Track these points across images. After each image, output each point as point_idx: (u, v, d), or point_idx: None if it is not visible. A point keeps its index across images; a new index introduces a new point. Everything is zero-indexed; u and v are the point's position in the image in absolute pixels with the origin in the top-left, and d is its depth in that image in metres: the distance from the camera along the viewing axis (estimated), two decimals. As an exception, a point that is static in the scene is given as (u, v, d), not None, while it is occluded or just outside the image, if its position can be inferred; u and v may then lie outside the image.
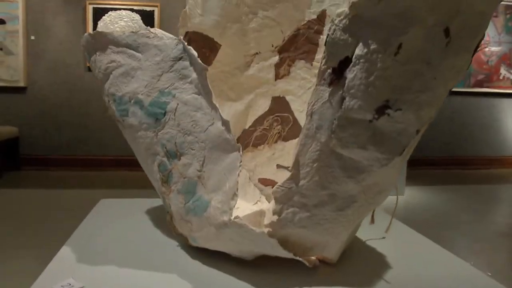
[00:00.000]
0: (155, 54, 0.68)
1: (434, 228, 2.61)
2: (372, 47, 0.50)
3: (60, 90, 4.28)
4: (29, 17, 4.23)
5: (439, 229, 2.61)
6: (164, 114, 0.67)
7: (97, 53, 0.76)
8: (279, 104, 0.98)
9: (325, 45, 0.52)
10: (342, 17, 0.51)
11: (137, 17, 0.93)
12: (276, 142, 0.99)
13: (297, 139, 0.98)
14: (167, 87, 0.67)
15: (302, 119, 0.97)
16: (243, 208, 0.93)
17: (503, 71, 4.83)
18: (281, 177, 0.99)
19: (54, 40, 4.28)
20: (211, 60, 0.96)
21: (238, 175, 0.62)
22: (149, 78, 0.68)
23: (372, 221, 0.81)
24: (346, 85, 0.52)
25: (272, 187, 1.00)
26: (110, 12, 0.91)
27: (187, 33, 0.93)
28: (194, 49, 0.93)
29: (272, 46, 0.95)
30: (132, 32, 0.70)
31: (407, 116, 0.54)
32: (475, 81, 4.63)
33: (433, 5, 0.50)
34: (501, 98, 4.86)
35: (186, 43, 0.65)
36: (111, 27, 0.82)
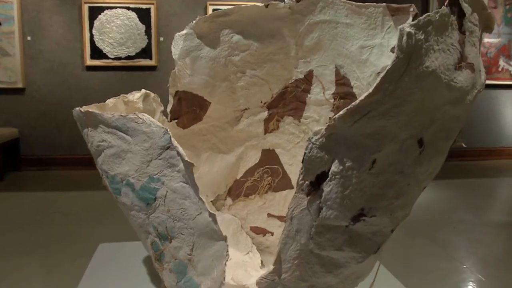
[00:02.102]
0: (144, 140, 0.70)
1: (432, 226, 2.64)
2: (347, 164, 0.53)
3: (58, 90, 4.30)
4: (24, 17, 4.21)
5: (437, 228, 2.64)
6: (155, 199, 0.70)
7: (89, 128, 0.78)
8: (269, 157, 1.01)
9: (302, 162, 0.55)
10: (318, 136, 0.53)
11: (133, 15, 0.95)
12: (266, 192, 1.03)
13: (286, 190, 1.02)
14: (156, 174, 0.70)
15: (291, 172, 1.00)
16: (235, 258, 0.97)
17: (502, 63, 4.82)
18: (272, 225, 1.03)
19: (50, 40, 4.27)
20: (201, 116, 0.98)
21: (225, 264, 0.66)
22: (139, 163, 0.71)
23: None
24: (323, 197, 0.55)
25: (264, 235, 1.04)
26: (106, 11, 0.93)
27: (177, 92, 0.95)
28: (185, 107, 0.97)
29: (261, 102, 0.98)
30: (121, 116, 0.72)
31: (381, 220, 0.57)
32: (473, 74, 4.61)
33: (406, 122, 0.53)
34: (500, 90, 4.86)
35: (172, 138, 0.68)
36: (108, 26, 0.84)
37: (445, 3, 0.52)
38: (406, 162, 0.55)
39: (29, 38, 4.14)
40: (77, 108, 0.80)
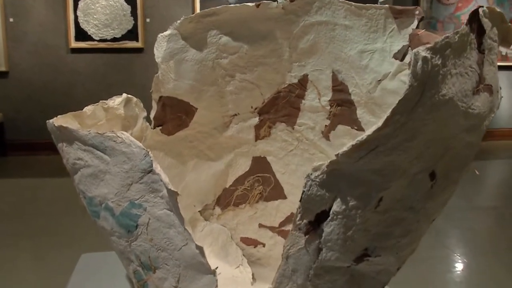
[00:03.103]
0: (123, 161, 0.64)
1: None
2: (351, 203, 0.47)
3: (43, 73, 4.17)
4: (6, -2, 4.03)
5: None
6: (136, 226, 0.64)
7: (64, 144, 0.71)
8: (260, 164, 0.95)
9: (300, 201, 0.49)
10: (319, 172, 0.47)
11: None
12: (257, 202, 0.97)
13: (278, 200, 0.96)
14: (138, 199, 0.63)
15: (283, 181, 0.94)
16: (225, 273, 0.92)
17: (493, 45, 4.74)
18: (263, 236, 0.98)
19: (34, 21, 4.12)
20: (187, 122, 0.91)
21: (214, 298, 0.60)
22: (119, 186, 0.64)
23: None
24: (323, 237, 0.49)
25: (255, 247, 0.99)
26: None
27: (161, 97, 0.88)
28: (169, 113, 0.90)
29: (252, 107, 0.91)
30: (98, 133, 0.65)
31: (387, 259, 0.52)
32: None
33: (418, 155, 0.47)
34: (491, 72, 4.80)
35: (150, 153, 0.61)
36: (92, 7, 0.77)
37: (465, 22, 0.46)
38: (416, 198, 0.50)
39: (11, 20, 3.98)
40: (51, 121, 0.72)
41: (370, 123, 0.79)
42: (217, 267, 0.93)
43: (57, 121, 0.74)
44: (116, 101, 0.87)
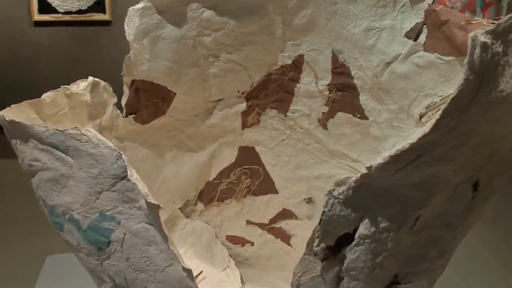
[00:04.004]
0: (90, 165, 0.52)
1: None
2: (382, 225, 0.38)
3: (5, 48, 3.90)
4: (-38, -32, 3.70)
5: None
6: (108, 243, 0.53)
7: (18, 141, 0.59)
8: (248, 155, 0.85)
9: (319, 224, 0.39)
10: (344, 187, 0.37)
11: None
12: (245, 196, 0.87)
13: (269, 195, 0.87)
14: (109, 210, 0.52)
15: (274, 173, 0.85)
16: (210, 277, 0.83)
17: (468, 18, 4.72)
18: (252, 234, 0.88)
19: (-7, -7, 3.80)
20: (165, 109, 0.80)
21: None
22: (85, 194, 0.53)
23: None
24: (345, 265, 0.40)
25: (242, 246, 0.89)
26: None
27: (133, 81, 0.76)
28: (144, 99, 0.78)
29: (238, 92, 0.80)
30: (58, 130, 0.53)
31: (419, 284, 0.43)
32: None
33: (463, 163, 0.38)
34: (465, 46, 4.81)
35: (123, 155, 0.50)
36: None
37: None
38: (455, 213, 0.41)
39: (-34, -9, 3.67)
40: (1, 113, 0.60)
41: (375, 110, 0.70)
42: (201, 272, 0.84)
43: (10, 112, 0.62)
44: (80, 86, 0.74)
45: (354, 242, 0.39)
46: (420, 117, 0.64)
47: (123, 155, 0.50)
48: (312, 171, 0.80)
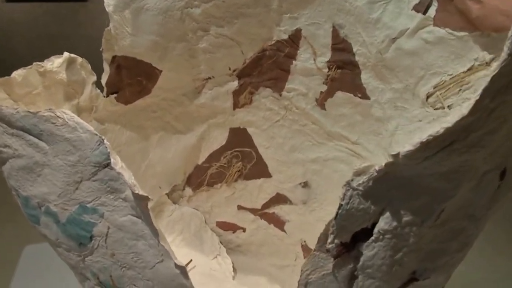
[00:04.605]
0: (67, 151, 0.46)
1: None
2: (405, 218, 0.33)
3: (-26, 24, 3.72)
4: None
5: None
6: (91, 238, 0.48)
7: (-16, 123, 0.53)
8: (239, 137, 0.80)
9: (335, 218, 0.34)
10: (364, 177, 0.32)
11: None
12: (236, 181, 0.82)
13: (261, 179, 0.82)
14: (91, 202, 0.47)
15: (268, 156, 0.80)
16: (200, 266, 0.78)
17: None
18: (243, 220, 0.84)
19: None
20: (149, 88, 0.74)
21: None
22: (63, 184, 0.47)
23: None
24: (361, 262, 0.36)
25: (233, 232, 0.85)
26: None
27: (114, 57, 0.69)
28: (126, 77, 0.72)
29: (230, 69, 0.74)
30: (29, 112, 0.47)
31: (436, 280, 0.39)
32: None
33: (495, 150, 0.33)
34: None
35: (105, 140, 0.44)
36: None
37: None
38: (480, 203, 0.37)
39: None
40: (-37, 92, 0.53)
41: (377, 90, 0.65)
42: (191, 260, 0.80)
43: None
44: (55, 63, 0.67)
45: (373, 238, 0.34)
46: (427, 97, 0.59)
47: (105, 140, 0.44)
48: (308, 153, 0.75)
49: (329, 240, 0.35)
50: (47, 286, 0.85)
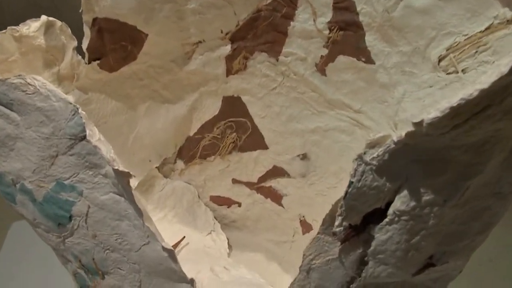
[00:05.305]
0: (40, 122, 0.41)
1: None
2: (425, 198, 0.29)
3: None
4: None
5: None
6: (70, 218, 0.43)
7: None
8: (233, 106, 0.75)
9: (344, 198, 0.30)
10: (380, 150, 0.28)
11: None
12: (230, 153, 0.78)
13: (257, 151, 0.77)
14: (68, 178, 0.42)
15: (264, 126, 0.75)
16: (194, 243, 0.75)
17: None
18: (239, 194, 0.80)
19: None
20: (135, 53, 0.68)
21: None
22: (38, 159, 0.43)
23: None
24: (372, 247, 0.31)
25: (228, 207, 0.81)
26: None
27: (95, 20, 0.63)
28: (109, 42, 0.66)
29: (222, 32, 0.68)
30: (-2, 79, 0.42)
31: (454, 264, 0.35)
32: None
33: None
34: None
35: (79, 110, 0.39)
36: None
37: None
38: (508, 179, 0.32)
39: None
40: None
41: (383, 53, 0.60)
42: (184, 237, 0.76)
43: None
44: (31, 27, 0.61)
45: (387, 220, 0.30)
46: (439, 61, 0.54)
47: (79, 109, 0.39)
48: (307, 123, 0.70)
49: (336, 223, 0.31)
50: (34, 264, 0.82)
